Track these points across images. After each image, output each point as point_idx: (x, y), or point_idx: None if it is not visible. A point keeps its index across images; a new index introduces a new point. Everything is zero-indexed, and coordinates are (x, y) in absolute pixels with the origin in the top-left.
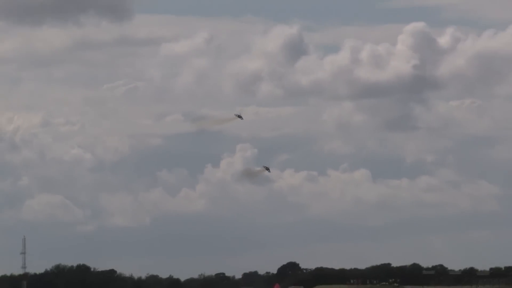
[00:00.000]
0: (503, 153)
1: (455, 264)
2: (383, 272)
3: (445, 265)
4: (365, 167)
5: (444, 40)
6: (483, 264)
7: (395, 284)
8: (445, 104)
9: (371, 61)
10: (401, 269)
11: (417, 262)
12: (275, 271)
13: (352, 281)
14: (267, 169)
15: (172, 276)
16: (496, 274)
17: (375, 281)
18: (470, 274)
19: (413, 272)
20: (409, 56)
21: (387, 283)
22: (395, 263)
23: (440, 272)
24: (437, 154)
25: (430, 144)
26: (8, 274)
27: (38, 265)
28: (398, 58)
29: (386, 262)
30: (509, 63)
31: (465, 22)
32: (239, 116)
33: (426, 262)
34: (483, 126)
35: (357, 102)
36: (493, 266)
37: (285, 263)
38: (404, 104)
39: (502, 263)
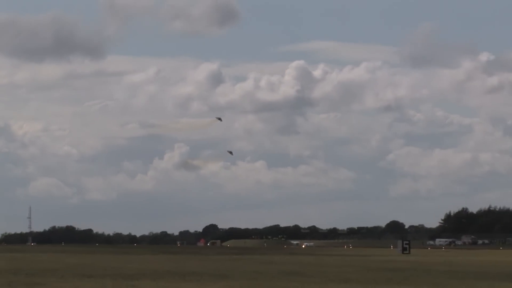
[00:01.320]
0: (356, 150)
1: (323, 225)
2: (274, 230)
3: (317, 226)
4: (262, 159)
5: (317, 72)
6: (342, 225)
7: (282, 238)
8: (317, 116)
9: (267, 87)
10: (287, 228)
11: (297, 223)
12: (201, 230)
13: (253, 237)
14: (231, 152)
15: (131, 234)
16: (351, 232)
17: (269, 237)
18: (333, 232)
19: (294, 231)
20: (293, 84)
21: (276, 238)
22: (282, 224)
23: (313, 230)
24: (312, 150)
25: (307, 143)
26: (18, 232)
27: (39, 226)
28: (286, 85)
29: (277, 223)
30: (361, 89)
31: (332, 60)
32: (219, 118)
33: (304, 223)
34: (342, 132)
35: (258, 115)
36: (349, 226)
37: (208, 224)
38: (290, 116)
39: (355, 225)
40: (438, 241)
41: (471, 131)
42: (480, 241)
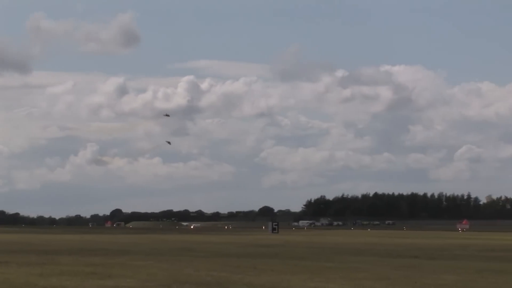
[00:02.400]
0: (235, 149)
1: (208, 209)
2: (168, 214)
3: (203, 210)
4: (159, 156)
5: (204, 86)
6: (224, 210)
7: (174, 221)
8: (204, 121)
9: (163, 97)
10: (178, 212)
11: (187, 208)
12: (108, 213)
13: (151, 219)
14: (169, 142)
15: (51, 217)
16: (231, 215)
17: (164, 219)
18: (216, 215)
19: (184, 214)
20: (184, 95)
21: (170, 220)
22: (175, 209)
23: (199, 214)
24: (199, 149)
25: (195, 143)
26: None
27: None
28: (179, 96)
29: (170, 208)
30: (239, 99)
31: (216, 76)
32: (167, 115)
33: (192, 208)
34: (224, 134)
35: (156, 120)
36: (229, 211)
37: (114, 209)
38: (181, 121)
39: (234, 209)
40: (301, 222)
41: (328, 134)
42: (335, 223)
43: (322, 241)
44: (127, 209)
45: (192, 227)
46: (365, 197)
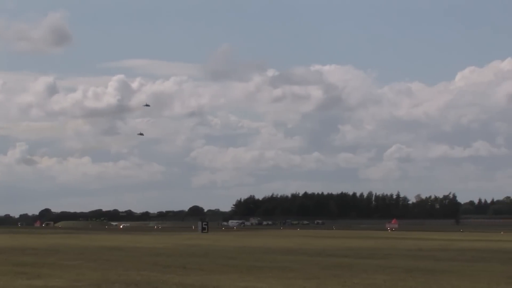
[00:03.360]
0: (166, 148)
1: (138, 209)
2: (97, 214)
3: (132, 210)
4: (88, 155)
5: (134, 85)
6: (153, 209)
7: (104, 220)
8: (134, 121)
9: (93, 97)
10: (108, 212)
11: (116, 208)
12: (37, 213)
13: (80, 219)
14: (141, 134)
15: None
16: (160, 215)
17: (93, 219)
18: (146, 215)
19: (114, 214)
20: (115, 94)
21: (99, 220)
22: (104, 209)
23: (129, 213)
24: (129, 149)
25: (125, 143)
26: None
27: None
28: (109, 95)
29: (100, 208)
30: (170, 98)
31: (146, 75)
32: (147, 105)
33: (122, 208)
34: (155, 133)
35: (86, 119)
36: (159, 210)
37: (43, 208)
38: (112, 120)
39: (164, 209)
40: (231, 222)
41: (258, 133)
42: (265, 222)
43: (252, 240)
44: (56, 208)
45: (121, 226)
46: (294, 196)
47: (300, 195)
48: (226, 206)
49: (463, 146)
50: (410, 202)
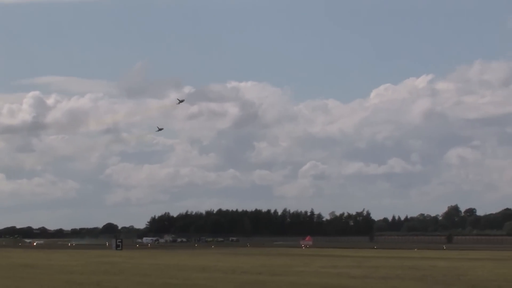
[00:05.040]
0: (80, 165)
1: (52, 226)
2: (11, 231)
3: (46, 227)
4: (1, 172)
5: (50, 101)
6: (67, 226)
7: (17, 237)
8: (49, 138)
9: (9, 113)
10: (21, 229)
11: (30, 225)
12: None
13: None
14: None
15: None
16: (74, 232)
17: (7, 236)
18: (60, 232)
19: (28, 231)
20: (30, 111)
21: (13, 237)
22: (18, 226)
23: (43, 231)
24: (44, 166)
25: (40, 160)
26: None
27: None
28: (24, 112)
29: (13, 225)
30: (85, 115)
31: (62, 92)
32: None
33: (36, 225)
34: (69, 150)
35: (1, 135)
36: (73, 227)
37: None
38: (26, 137)
39: (78, 226)
40: (145, 239)
41: (173, 150)
42: (179, 239)
43: (166, 258)
44: None
45: (34, 244)
46: (209, 213)
47: (215, 212)
48: (141, 223)
49: (377, 163)
50: (324, 219)
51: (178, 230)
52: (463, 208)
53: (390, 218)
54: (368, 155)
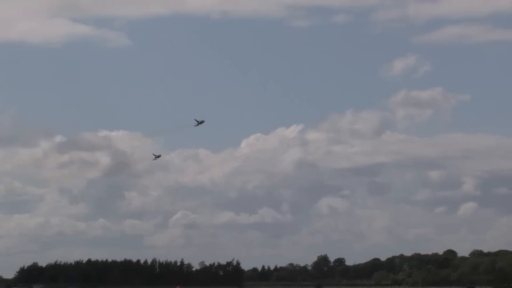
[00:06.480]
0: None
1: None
2: None
3: None
4: None
5: None
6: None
7: None
8: None
9: None
10: None
11: None
12: None
13: None
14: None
15: None
16: None
17: None
18: None
19: None
20: None
21: None
22: None
23: None
24: None
25: None
26: None
27: None
28: None
29: None
30: None
31: None
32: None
33: None
34: None
35: None
36: None
37: None
38: None
39: None
40: None
41: (43, 199)
42: None
43: None
44: None
45: None
46: (78, 263)
47: (84, 262)
48: (10, 273)
49: (248, 212)
50: (194, 269)
51: (47, 280)
52: (332, 258)
53: (260, 268)
54: (239, 205)
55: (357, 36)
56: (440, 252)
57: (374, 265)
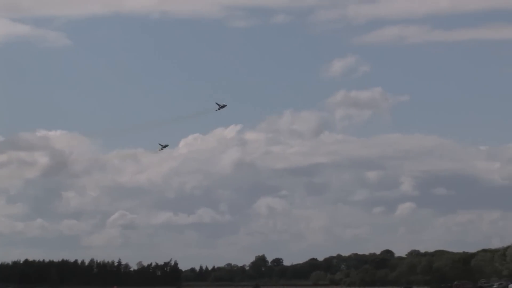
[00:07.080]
0: None
1: None
2: None
3: None
4: None
5: None
6: None
7: None
8: None
9: None
10: None
11: None
12: None
13: None
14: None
15: None
16: None
17: None
18: None
19: None
20: None
21: None
22: None
23: None
24: None
25: None
26: None
27: None
28: None
29: None
30: None
31: None
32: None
33: None
34: None
35: None
36: None
37: None
38: None
39: None
40: None
41: None
42: None
43: None
44: None
45: None
46: (16, 264)
47: (22, 262)
48: None
49: (186, 212)
50: (132, 269)
51: None
52: (270, 258)
53: (197, 268)
54: (177, 205)
55: (296, 36)
56: (378, 252)
57: (312, 265)
